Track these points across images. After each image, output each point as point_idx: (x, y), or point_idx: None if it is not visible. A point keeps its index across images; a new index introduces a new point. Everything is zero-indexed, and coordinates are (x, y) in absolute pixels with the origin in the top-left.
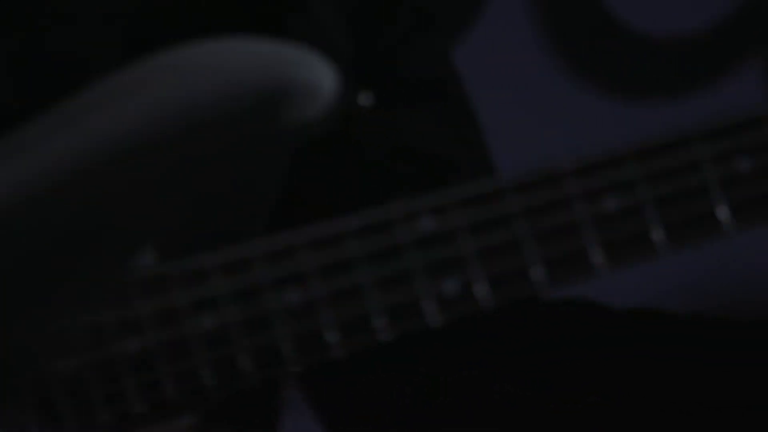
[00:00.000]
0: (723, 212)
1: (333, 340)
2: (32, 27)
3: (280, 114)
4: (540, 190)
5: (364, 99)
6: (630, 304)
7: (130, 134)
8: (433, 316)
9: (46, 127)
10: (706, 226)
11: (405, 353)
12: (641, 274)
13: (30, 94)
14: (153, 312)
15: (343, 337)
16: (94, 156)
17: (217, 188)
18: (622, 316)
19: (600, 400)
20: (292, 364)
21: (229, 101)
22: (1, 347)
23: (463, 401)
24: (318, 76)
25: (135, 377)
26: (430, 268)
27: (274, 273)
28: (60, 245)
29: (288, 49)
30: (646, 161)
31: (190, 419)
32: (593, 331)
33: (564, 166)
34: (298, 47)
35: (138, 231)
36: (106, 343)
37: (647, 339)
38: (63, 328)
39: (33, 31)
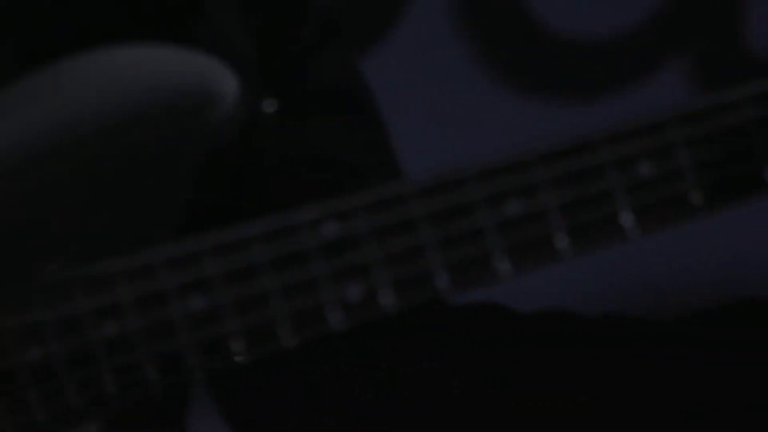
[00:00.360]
0: (626, 216)
1: (238, 347)
2: None
3: (183, 121)
4: (444, 195)
5: (268, 106)
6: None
7: (37, 139)
8: (337, 321)
9: None
10: (609, 231)
11: (364, 346)
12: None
13: None
14: (56, 319)
15: (248, 343)
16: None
17: (123, 195)
18: (591, 321)
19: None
20: (197, 370)
21: (131, 108)
22: None
23: (423, 394)
24: (220, 83)
25: (37, 385)
26: (334, 273)
27: (178, 279)
28: None
29: (190, 56)
30: (551, 165)
31: (96, 425)
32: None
33: (468, 170)
34: (200, 54)
35: (42, 237)
36: (7, 351)
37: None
38: None
39: None
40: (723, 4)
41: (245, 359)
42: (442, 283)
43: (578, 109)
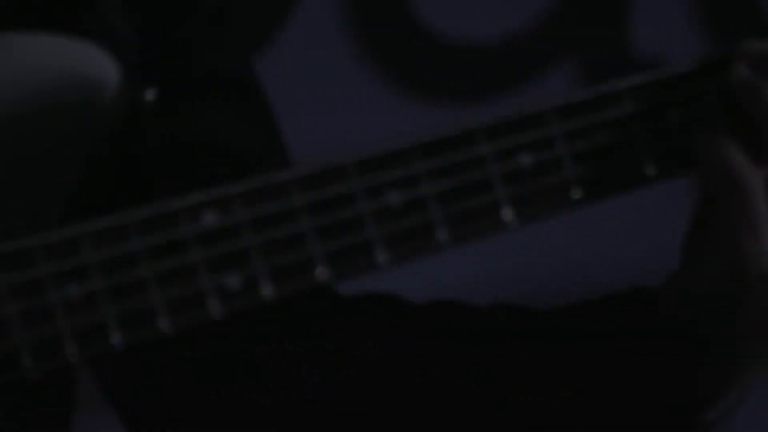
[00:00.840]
0: (506, 207)
1: (115, 334)
2: None
3: (65, 108)
4: (324, 184)
5: (153, 94)
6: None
7: None
8: (216, 310)
9: None
10: (489, 221)
11: (308, 326)
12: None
13: None
14: None
15: (126, 330)
16: None
17: (3, 183)
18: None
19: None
20: (73, 358)
21: (12, 95)
22: None
23: (369, 376)
24: (101, 70)
25: None
26: (213, 262)
27: (55, 266)
28: None
29: (71, 44)
30: (430, 156)
31: None
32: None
33: (348, 160)
34: (81, 42)
35: None
36: None
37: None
38: None
39: None
40: (609, 7)
41: (121, 346)
42: (322, 273)
43: (466, 110)
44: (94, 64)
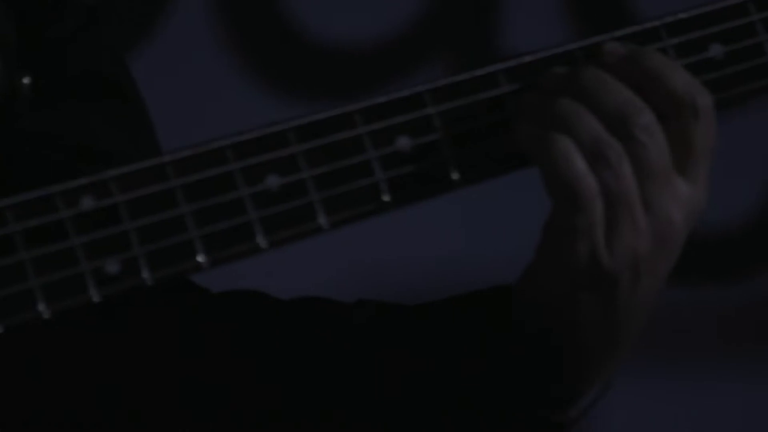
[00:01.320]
0: (384, 189)
1: None
2: None
3: None
4: (202, 168)
5: (25, 88)
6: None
7: None
8: (96, 294)
9: None
10: (368, 204)
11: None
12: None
13: None
14: None
15: (3, 316)
16: None
17: None
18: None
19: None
20: None
21: None
22: None
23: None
24: None
25: None
26: (92, 246)
27: None
28: None
29: None
30: (307, 139)
31: None
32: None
33: (226, 143)
34: None
35: None
36: None
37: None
38: None
39: None
40: (478, 6)
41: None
42: (201, 257)
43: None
44: None
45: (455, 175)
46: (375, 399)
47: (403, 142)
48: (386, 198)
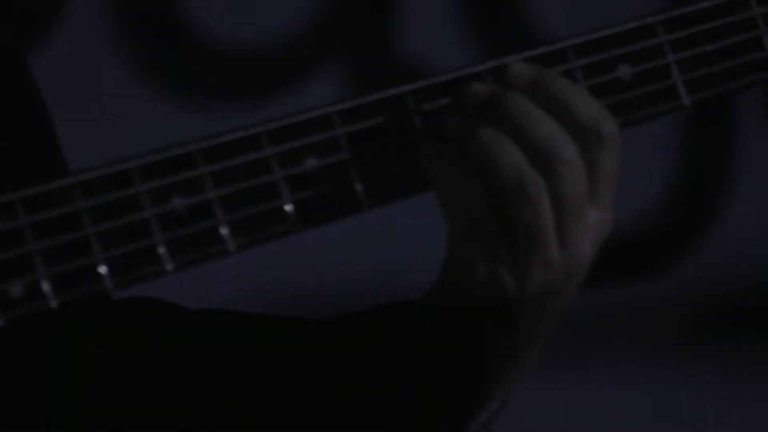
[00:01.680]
0: (290, 210)
1: None
2: None
3: None
4: (108, 190)
5: None
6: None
7: None
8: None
9: None
10: (273, 225)
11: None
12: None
13: None
14: None
15: None
16: None
17: None
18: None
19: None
20: None
21: None
22: None
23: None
24: None
25: None
26: None
27: None
28: None
29: None
30: (215, 161)
31: None
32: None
33: (133, 165)
34: None
35: None
36: None
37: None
38: None
39: None
40: (375, 9)
41: None
42: (105, 279)
43: (241, 115)
44: None
45: (362, 195)
46: (274, 408)
47: (312, 163)
48: (293, 219)
